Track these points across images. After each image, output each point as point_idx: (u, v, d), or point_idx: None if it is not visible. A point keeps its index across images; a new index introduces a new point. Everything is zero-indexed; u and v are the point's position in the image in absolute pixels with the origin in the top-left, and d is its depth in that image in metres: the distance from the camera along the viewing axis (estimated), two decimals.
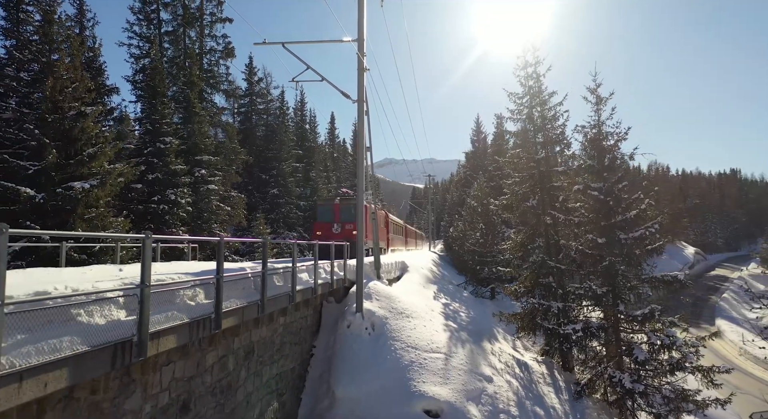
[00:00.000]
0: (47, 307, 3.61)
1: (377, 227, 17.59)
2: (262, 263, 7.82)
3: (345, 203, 19.95)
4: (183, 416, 6.20)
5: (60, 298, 3.72)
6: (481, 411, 11.18)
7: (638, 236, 13.84)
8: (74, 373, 3.78)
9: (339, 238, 18.09)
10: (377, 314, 12.99)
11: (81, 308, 3.97)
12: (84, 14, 21.57)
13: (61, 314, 3.77)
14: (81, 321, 3.95)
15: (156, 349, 4.91)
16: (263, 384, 8.91)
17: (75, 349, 3.76)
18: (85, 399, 4.45)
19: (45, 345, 3.49)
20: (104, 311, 4.25)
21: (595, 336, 14.62)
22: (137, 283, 4.59)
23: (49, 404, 3.94)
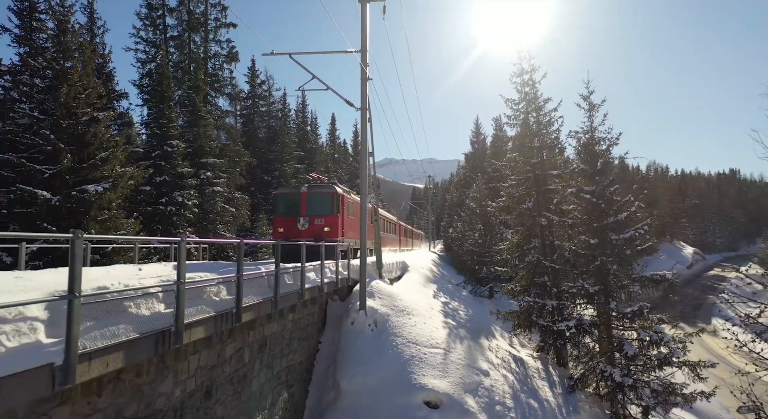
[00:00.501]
0: (106, 300, 4.27)
1: (379, 228, 18.13)
2: (275, 263, 8.47)
3: (315, 192, 16.14)
4: (206, 401, 6.87)
5: (116, 292, 4.39)
6: (478, 402, 11.84)
7: (628, 237, 14.50)
8: (128, 356, 4.45)
9: (306, 236, 14.94)
10: (379, 311, 13.66)
11: (131, 301, 4.64)
12: (95, 22, 22.25)
13: (116, 306, 4.44)
14: (131, 312, 4.62)
15: (189, 338, 5.57)
16: (274, 375, 9.57)
17: (128, 336, 4.43)
18: (130, 381, 5.11)
19: (107, 331, 4.16)
20: (148, 304, 4.92)
21: (587, 333, 15.30)
22: (174, 280, 5.25)
23: (104, 383, 4.61)
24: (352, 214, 17.87)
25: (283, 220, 16.23)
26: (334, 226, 15.78)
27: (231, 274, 6.77)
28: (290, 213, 16.14)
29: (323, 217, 15.78)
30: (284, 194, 16.71)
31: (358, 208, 18.26)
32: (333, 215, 15.86)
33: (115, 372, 4.67)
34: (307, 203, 16.03)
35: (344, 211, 16.67)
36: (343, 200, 16.63)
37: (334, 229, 15.68)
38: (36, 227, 15.76)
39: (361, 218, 13.87)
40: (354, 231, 17.89)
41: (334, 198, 16.07)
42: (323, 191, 16.20)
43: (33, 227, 15.73)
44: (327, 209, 15.85)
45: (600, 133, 15.61)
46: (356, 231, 17.78)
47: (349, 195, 17.95)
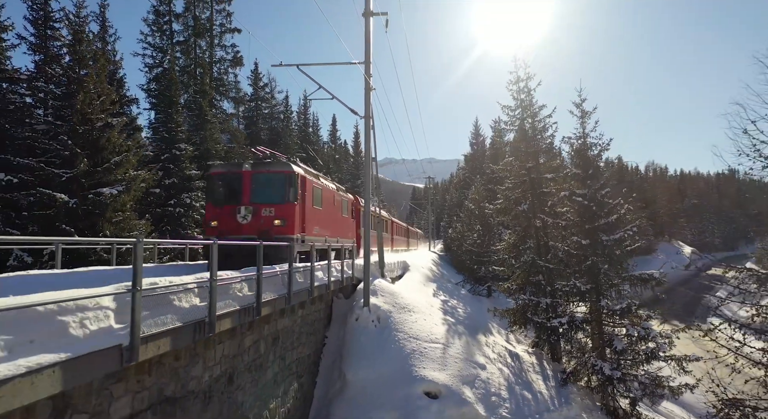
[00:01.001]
0: (157, 294, 5.06)
1: (381, 230, 18.88)
2: (288, 263, 9.26)
3: (262, 171, 12.21)
4: (229, 386, 7.66)
5: (164, 287, 5.18)
6: (474, 393, 12.63)
7: (618, 238, 15.29)
8: (173, 341, 5.24)
9: (248, 233, 11.45)
10: (382, 308, 14.46)
11: (174, 295, 5.43)
12: (106, 30, 23.03)
13: (164, 299, 5.23)
14: (175, 304, 5.41)
15: (219, 328, 6.36)
16: (286, 366, 10.36)
17: (174, 324, 5.23)
18: (169, 365, 5.90)
19: (158, 320, 4.95)
20: (187, 298, 5.71)
21: (580, 329, 16.09)
22: (208, 278, 6.04)
23: (152, 365, 5.39)
24: (320, 204, 14.13)
25: (217, 210, 12.06)
26: (289, 218, 11.76)
27: (253, 273, 7.55)
28: (227, 200, 12.03)
29: (273, 205, 11.72)
30: (220, 174, 12.49)
31: (335, 198, 15.65)
32: (288, 202, 11.84)
33: (158, 356, 5.45)
34: (251, 187, 11.92)
35: (306, 198, 12.73)
36: (305, 184, 12.75)
37: (289, 222, 11.71)
38: (55, 229, 16.53)
39: (364, 221, 14.61)
40: (325, 227, 14.43)
41: (291, 180, 12.03)
42: (275, 169, 12.15)
43: (52, 228, 16.51)
44: (279, 195, 11.84)
45: (592, 139, 16.41)
46: (328, 227, 14.67)
47: (317, 179, 14.29)
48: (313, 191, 13.59)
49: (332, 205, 15.70)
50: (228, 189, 12.25)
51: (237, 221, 11.79)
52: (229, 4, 32.28)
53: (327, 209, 14.85)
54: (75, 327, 3.89)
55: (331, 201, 15.61)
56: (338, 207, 16.86)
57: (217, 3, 32.03)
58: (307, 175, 13.24)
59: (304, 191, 12.69)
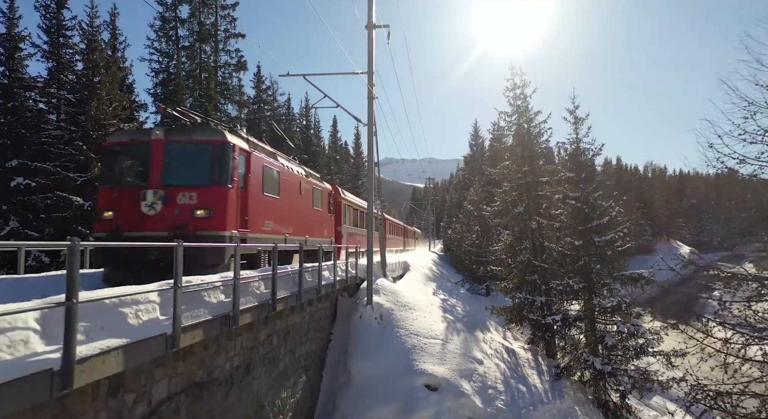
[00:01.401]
0: (191, 290, 5.80)
1: (383, 231, 19.56)
2: (299, 263, 10.00)
3: (181, 141, 9.05)
4: (246, 376, 8.39)
5: (196, 285, 5.92)
6: (472, 386, 13.38)
7: (609, 239, 16.02)
8: (205, 332, 5.98)
9: (159, 226, 8.40)
10: (384, 306, 15.20)
11: (205, 292, 6.18)
12: (116, 38, 23.77)
13: (196, 295, 5.97)
14: (206, 300, 6.15)
15: (241, 322, 7.10)
16: (295, 359, 11.09)
17: (205, 317, 5.97)
18: (197, 354, 6.63)
19: (193, 313, 5.69)
20: (215, 295, 6.45)
21: (573, 326, 16.83)
22: (231, 277, 6.78)
23: (185, 354, 6.13)
24: (275, 191, 11.17)
25: (113, 195, 8.72)
26: (218, 208, 8.59)
27: (269, 273, 8.29)
28: (128, 182, 8.80)
29: (195, 189, 8.53)
30: (119, 145, 9.17)
31: (301, 186, 13.14)
32: (216, 185, 8.73)
33: (190, 346, 6.19)
34: (163, 162, 8.67)
35: (251, 182, 9.71)
36: (250, 162, 9.81)
37: (218, 214, 8.59)
38: (70, 230, 17.28)
39: (368, 224, 15.32)
40: (285, 223, 11.65)
41: (222, 154, 8.87)
42: (199, 138, 8.98)
43: (68, 229, 17.26)
44: (204, 175, 8.70)
45: (585, 143, 17.15)
46: (290, 223, 12.03)
47: (273, 158, 11.33)
48: (264, 172, 10.50)
49: (297, 194, 12.80)
50: (129, 166, 8.79)
51: (141, 211, 8.40)
52: (233, 10, 33.04)
53: (288, 200, 11.95)
54: (131, 317, 4.64)
55: (296, 189, 12.76)
56: (307, 198, 13.73)
57: (222, 9, 32.77)
58: (253, 150, 10.13)
59: (248, 171, 9.67)
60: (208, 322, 6.03)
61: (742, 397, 10.48)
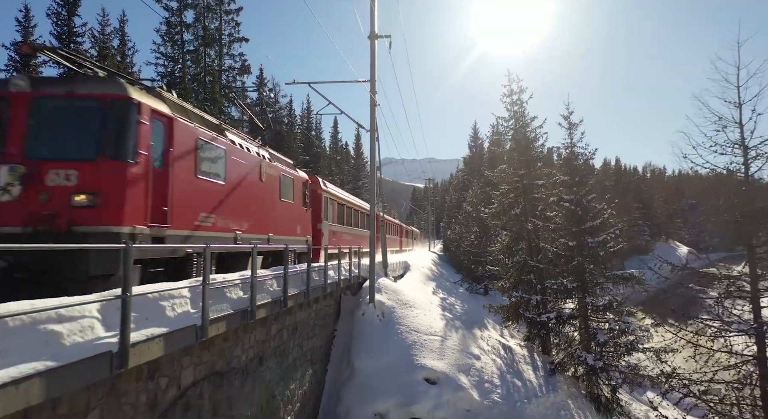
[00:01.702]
0: (216, 287, 6.48)
1: (384, 233, 20.22)
2: (307, 263, 10.68)
3: (54, 95, 6.44)
4: (259, 366, 9.07)
5: (219, 282, 6.60)
6: (469, 380, 14.06)
7: (601, 240, 16.70)
8: (227, 324, 6.67)
9: (15, 219, 6.03)
10: (386, 304, 15.88)
11: (227, 289, 6.86)
12: (125, 44, 24.44)
13: (219, 291, 6.65)
14: (228, 296, 6.84)
15: (257, 316, 7.78)
16: (303, 354, 11.77)
17: (227, 311, 6.65)
18: (218, 345, 7.31)
19: (217, 308, 6.38)
20: (235, 291, 7.13)
21: (567, 323, 17.51)
22: (249, 275, 7.46)
23: (208, 344, 6.81)
24: (215, 174, 8.93)
25: None
26: (111, 193, 6.46)
27: (280, 271, 8.98)
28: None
29: (74, 165, 6.32)
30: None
31: (262, 171, 11.01)
32: (108, 160, 6.50)
33: (213, 337, 6.86)
34: (26, 126, 6.39)
35: (171, 159, 7.50)
36: (172, 130, 7.56)
37: (111, 202, 6.44)
38: None
39: (370, 226, 16.00)
40: (236, 217, 9.52)
41: (118, 113, 6.64)
42: (82, 92, 6.56)
43: None
44: (89, 145, 6.51)
45: (579, 148, 17.82)
46: (244, 217, 9.87)
47: (216, 133, 9.29)
48: (198, 148, 8.27)
49: (256, 182, 10.42)
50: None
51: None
52: (237, 15, 33.67)
53: (241, 187, 9.68)
54: (169, 310, 5.32)
55: (253, 175, 10.62)
56: (271, 187, 11.20)
57: (226, 14, 33.41)
58: (180, 117, 7.87)
59: (170, 144, 7.46)
60: (230, 315, 6.71)
61: (711, 384, 11.24)
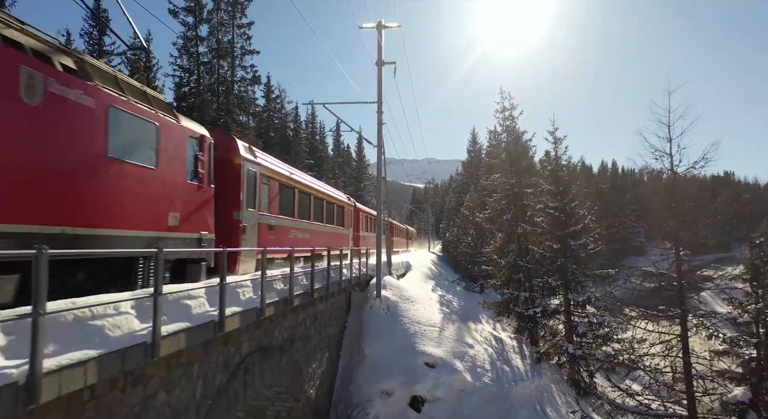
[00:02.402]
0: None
1: (389, 236, 22.25)
2: (326, 262, 12.76)
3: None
4: (291, 346, 11.15)
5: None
6: (464, 365, 16.15)
7: (582, 243, 18.81)
8: (276, 308, 8.75)
9: None
10: (391, 299, 17.97)
11: (275, 282, 8.94)
12: (150, 61, 26.50)
13: (269, 284, 8.74)
14: (274, 287, 8.93)
15: (294, 304, 9.87)
16: (321, 339, 13.85)
17: (275, 299, 8.74)
18: (264, 326, 9.38)
19: (267, 296, 8.47)
20: (278, 285, 9.21)
21: (552, 317, 19.61)
22: (288, 273, 9.54)
23: (259, 326, 8.87)
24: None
25: None
26: None
27: (308, 269, 11.07)
28: None
29: None
30: None
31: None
32: None
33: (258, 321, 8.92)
34: None
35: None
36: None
37: None
38: None
39: (377, 230, 18.07)
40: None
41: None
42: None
43: None
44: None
45: (563, 161, 19.92)
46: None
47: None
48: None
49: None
50: None
51: None
52: (248, 29, 35.74)
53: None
54: (241, 296, 7.39)
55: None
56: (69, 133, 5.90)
57: (238, 28, 35.48)
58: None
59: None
60: (277, 302, 8.80)
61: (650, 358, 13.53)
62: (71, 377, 3.95)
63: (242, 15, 35.84)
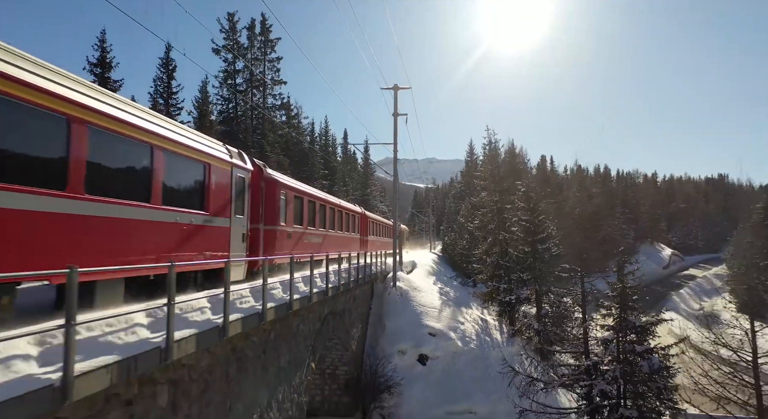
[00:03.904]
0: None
1: (394, 238, 28.48)
2: (357, 261, 19.04)
3: None
4: (342, 316, 17.43)
5: (334, 270, 14.98)
6: (456, 335, 22.44)
7: (546, 247, 25.08)
8: (343, 289, 15.07)
9: None
10: (403, 288, 24.28)
11: (318, 279, 15.27)
12: (208, 98, 32.83)
13: (306, 280, 15.06)
14: (317, 283, 15.26)
15: (343, 290, 16.16)
16: (358, 314, 20.12)
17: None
18: (336, 299, 15.66)
19: (338, 281, 14.79)
20: (323, 280, 15.52)
21: (524, 303, 25.89)
22: (334, 271, 15.85)
23: (333, 297, 15.15)
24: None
25: None
26: None
27: (345, 266, 17.39)
28: None
29: None
30: None
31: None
32: None
33: (331, 297, 15.15)
34: None
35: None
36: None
37: None
38: None
39: (393, 236, 24.36)
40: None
41: None
42: None
43: None
44: None
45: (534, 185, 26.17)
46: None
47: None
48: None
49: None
50: None
51: None
52: (278, 63, 42.11)
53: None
54: (319, 281, 13.73)
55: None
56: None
57: (269, 62, 41.84)
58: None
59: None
60: (337, 285, 15.09)
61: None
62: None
63: (272, 50, 42.23)
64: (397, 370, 19.64)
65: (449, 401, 19.18)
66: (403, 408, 18.79)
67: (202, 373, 6.96)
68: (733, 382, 14.08)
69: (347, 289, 17.47)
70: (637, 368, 14.10)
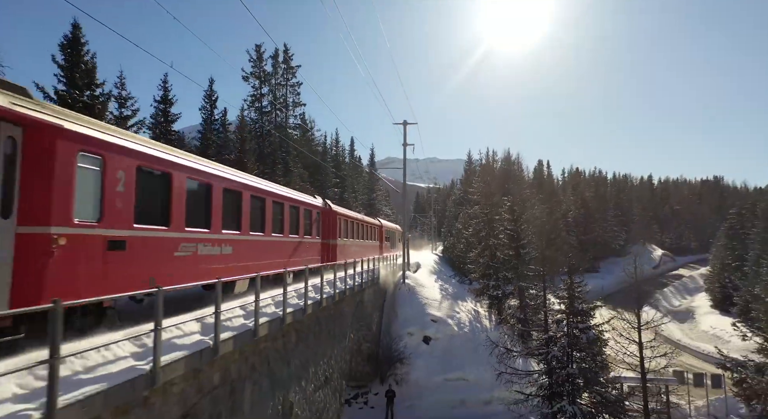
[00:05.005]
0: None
1: (404, 245, 34.32)
2: (373, 264, 24.88)
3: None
4: (367, 302, 23.26)
5: (350, 273, 20.80)
6: (453, 322, 28.27)
7: (527, 250, 30.91)
8: (366, 286, 20.94)
9: None
10: (410, 284, 30.12)
11: (357, 275, 21.15)
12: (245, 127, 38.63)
13: (330, 284, 20.92)
14: (337, 285, 21.14)
15: (362, 288, 22.01)
16: (375, 305, 25.94)
17: (358, 283, 20.95)
18: (361, 295, 21.48)
19: (360, 281, 20.65)
20: (349, 281, 21.38)
21: (508, 297, 31.73)
22: (359, 271, 21.73)
23: (358, 292, 20.96)
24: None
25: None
26: None
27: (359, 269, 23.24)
28: None
29: None
30: None
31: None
32: None
33: (358, 290, 20.93)
34: None
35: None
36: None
37: None
38: None
39: (404, 241, 30.15)
40: None
41: None
42: None
43: None
44: None
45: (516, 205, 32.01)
46: None
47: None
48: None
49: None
50: None
51: None
52: (298, 87, 47.95)
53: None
54: (341, 283, 19.60)
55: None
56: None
57: (291, 87, 47.69)
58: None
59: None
60: (366, 281, 20.91)
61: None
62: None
63: (293, 76, 48.07)
64: (407, 347, 25.51)
65: (447, 370, 25.05)
66: (412, 375, 24.65)
67: (303, 330, 12.83)
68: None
69: (372, 284, 23.31)
70: (579, 339, 19.92)
